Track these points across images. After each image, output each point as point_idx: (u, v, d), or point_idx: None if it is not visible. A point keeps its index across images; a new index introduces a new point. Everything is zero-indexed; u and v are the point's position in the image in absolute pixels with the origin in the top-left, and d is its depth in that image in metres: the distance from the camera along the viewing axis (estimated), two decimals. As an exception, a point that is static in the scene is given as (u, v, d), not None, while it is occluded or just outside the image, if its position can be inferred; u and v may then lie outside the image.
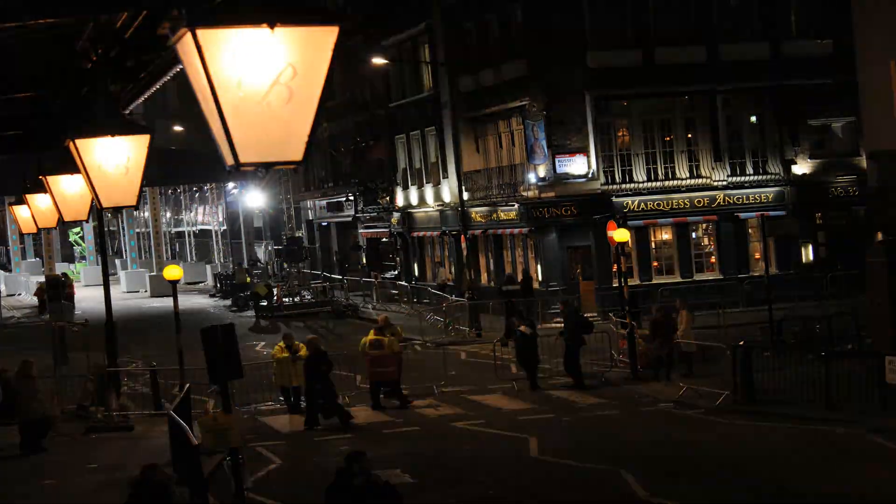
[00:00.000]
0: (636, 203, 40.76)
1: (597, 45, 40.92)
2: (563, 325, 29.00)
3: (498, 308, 38.80)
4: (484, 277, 46.12)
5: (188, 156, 66.09)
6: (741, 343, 24.52)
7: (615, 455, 19.41)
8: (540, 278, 41.79)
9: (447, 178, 47.51)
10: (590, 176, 40.62)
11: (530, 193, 41.22)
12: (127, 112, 14.48)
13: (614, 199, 40.46)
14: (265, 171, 47.68)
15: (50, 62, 13.23)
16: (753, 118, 43.20)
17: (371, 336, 25.85)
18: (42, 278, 55.09)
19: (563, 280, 40.90)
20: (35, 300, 60.58)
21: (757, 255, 41.94)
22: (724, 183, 41.65)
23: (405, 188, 52.60)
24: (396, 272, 54.50)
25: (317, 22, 5.02)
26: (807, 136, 42.79)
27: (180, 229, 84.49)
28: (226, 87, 4.95)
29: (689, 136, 42.08)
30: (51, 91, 13.94)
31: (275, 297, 49.56)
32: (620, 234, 31.65)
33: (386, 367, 25.43)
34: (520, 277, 41.39)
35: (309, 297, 51.55)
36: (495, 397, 26.29)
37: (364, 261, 59.68)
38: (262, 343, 39.39)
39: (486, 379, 28.16)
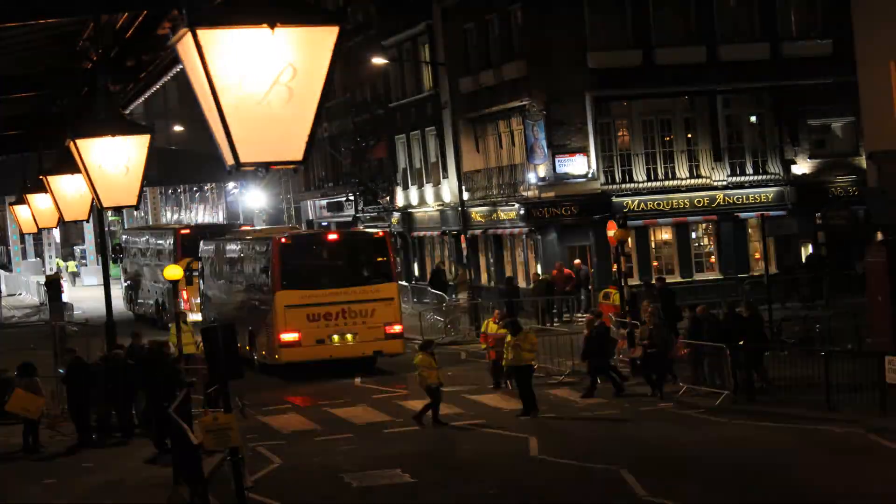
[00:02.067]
0: (636, 203, 40.75)
1: (597, 45, 40.91)
2: None
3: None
4: (484, 277, 46.12)
5: (188, 156, 66.12)
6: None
7: (615, 455, 19.39)
8: (540, 278, 41.72)
9: (447, 178, 47.51)
10: (590, 176, 40.62)
11: (530, 193, 41.22)
12: (127, 112, 14.49)
13: (614, 199, 40.45)
14: (265, 171, 47.55)
15: (50, 62, 13.25)
16: (753, 118, 43.19)
17: None
18: (42, 278, 55.02)
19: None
20: (36, 300, 60.52)
21: (757, 255, 41.94)
22: (724, 183, 41.64)
23: (405, 188, 52.61)
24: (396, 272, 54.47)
25: (317, 22, 5.03)
26: (807, 136, 42.78)
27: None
28: (226, 87, 4.95)
29: (689, 136, 42.07)
30: (51, 91, 13.95)
31: None
32: (620, 234, 31.61)
33: None
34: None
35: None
36: (495, 397, 26.27)
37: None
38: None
39: (486, 379, 28.13)
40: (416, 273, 52.41)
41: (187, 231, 45.63)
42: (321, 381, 29.58)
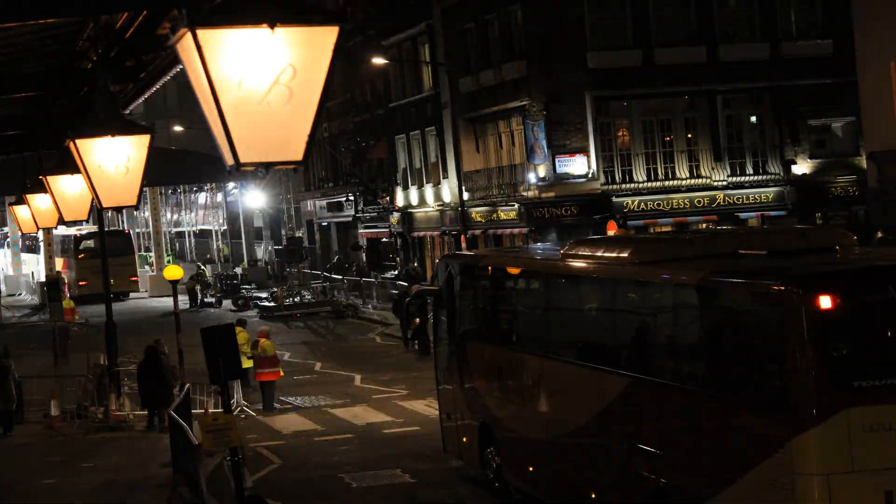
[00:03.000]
0: (636, 203, 40.77)
1: (597, 45, 40.91)
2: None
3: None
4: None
5: (188, 156, 66.06)
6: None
7: (615, 455, 19.36)
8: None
9: (447, 178, 47.52)
10: (590, 176, 40.62)
11: (530, 193, 41.23)
12: (127, 112, 14.49)
13: (614, 199, 40.46)
14: (265, 171, 47.53)
15: (50, 62, 13.24)
16: (753, 118, 43.19)
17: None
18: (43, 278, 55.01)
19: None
20: (36, 300, 60.51)
21: (757, 255, 41.87)
22: (724, 183, 41.65)
23: (405, 188, 52.62)
24: (396, 272, 54.47)
25: (317, 22, 5.02)
26: (807, 136, 42.78)
27: (180, 229, 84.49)
28: (226, 87, 4.95)
29: (689, 136, 42.08)
30: (51, 91, 13.94)
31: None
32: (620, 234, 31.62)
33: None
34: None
35: (309, 297, 51.51)
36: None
37: (364, 261, 59.67)
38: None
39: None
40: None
41: None
42: (321, 381, 29.59)
